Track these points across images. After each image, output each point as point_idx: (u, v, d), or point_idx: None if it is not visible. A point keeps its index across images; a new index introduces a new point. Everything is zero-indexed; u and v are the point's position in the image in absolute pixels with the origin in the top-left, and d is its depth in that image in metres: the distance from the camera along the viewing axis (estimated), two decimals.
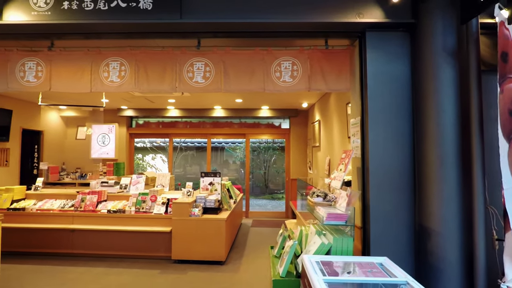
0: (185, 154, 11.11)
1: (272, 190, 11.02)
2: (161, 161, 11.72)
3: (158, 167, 11.46)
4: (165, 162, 11.56)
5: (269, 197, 10.84)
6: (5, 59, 2.80)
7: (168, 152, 7.87)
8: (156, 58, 2.76)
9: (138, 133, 7.84)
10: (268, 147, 10.98)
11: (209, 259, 4.34)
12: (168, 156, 7.87)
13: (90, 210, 4.84)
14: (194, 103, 6.71)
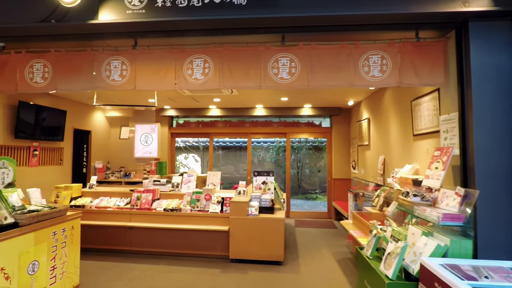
0: (217, 154, 11.17)
1: (306, 190, 10.89)
2: (193, 161, 11.85)
3: (191, 166, 11.59)
4: (198, 162, 11.69)
5: (303, 197, 10.72)
6: (91, 58, 2.85)
7: (209, 151, 7.90)
8: (240, 54, 2.73)
9: (179, 133, 7.92)
10: (301, 146, 10.87)
11: (267, 259, 4.29)
12: (209, 155, 7.90)
13: (146, 208, 4.91)
14: (237, 102, 6.70)
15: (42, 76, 2.90)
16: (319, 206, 9.68)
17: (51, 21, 2.43)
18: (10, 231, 2.45)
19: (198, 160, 11.63)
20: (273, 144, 10.94)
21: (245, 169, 11.11)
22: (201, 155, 11.50)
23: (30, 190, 2.98)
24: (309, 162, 10.97)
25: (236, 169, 10.97)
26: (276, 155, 10.89)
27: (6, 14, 2.60)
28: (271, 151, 10.98)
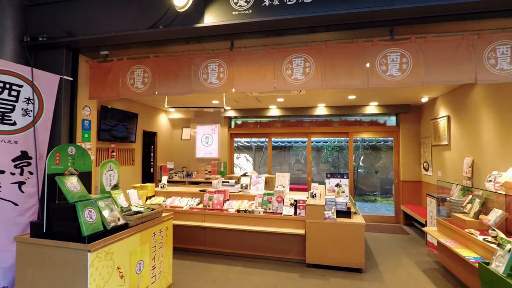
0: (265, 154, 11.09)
1: (363, 192, 10.42)
2: (245, 160, 11.93)
3: (242, 166, 11.67)
4: (249, 161, 11.75)
5: (359, 199, 10.26)
6: (189, 62, 2.89)
7: (268, 151, 7.84)
8: (344, 51, 2.58)
9: (238, 133, 7.96)
10: (357, 146, 10.41)
11: (346, 265, 4.09)
12: (268, 155, 7.84)
13: (218, 209, 4.95)
14: (299, 101, 6.54)
15: (142, 82, 3.00)
16: (381, 209, 9.18)
17: (159, 27, 2.47)
18: (123, 232, 2.55)
19: (249, 159, 11.67)
20: (326, 143, 10.60)
21: (298, 169, 10.94)
22: (253, 155, 11.52)
23: (129, 192, 3.09)
24: (365, 162, 10.47)
25: (289, 169, 10.82)
26: (330, 155, 10.55)
27: (115, 23, 2.70)
28: (325, 150, 10.65)
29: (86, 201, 2.37)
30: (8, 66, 2.62)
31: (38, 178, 2.75)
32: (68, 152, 2.53)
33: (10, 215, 2.62)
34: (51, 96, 2.83)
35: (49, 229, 2.33)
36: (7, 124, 2.62)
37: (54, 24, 2.88)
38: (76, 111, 3.04)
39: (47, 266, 2.29)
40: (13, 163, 2.64)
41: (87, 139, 3.19)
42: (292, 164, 10.88)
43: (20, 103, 2.67)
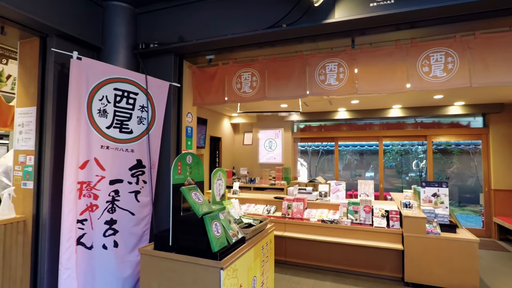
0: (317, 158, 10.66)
1: None
2: (298, 165, 11.62)
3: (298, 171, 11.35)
4: (303, 166, 11.41)
5: None
6: (303, 63, 2.69)
7: (334, 156, 7.46)
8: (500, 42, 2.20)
9: (301, 137, 7.68)
10: (424, 149, 9.61)
11: (456, 287, 3.61)
12: (334, 160, 7.46)
13: (298, 217, 4.70)
14: (374, 103, 6.11)
15: (250, 86, 2.86)
16: (460, 220, 8.32)
17: (282, 26, 2.28)
18: (242, 247, 2.38)
19: (304, 164, 11.33)
20: (388, 147, 9.92)
21: (357, 174, 10.37)
22: (308, 159, 11.16)
23: (233, 201, 2.94)
24: (434, 168, 9.61)
25: (350, 175, 10.29)
26: (393, 159, 9.85)
27: (229, 26, 2.57)
28: (388, 155, 9.98)
29: (212, 213, 2.23)
30: (127, 74, 2.60)
31: (151, 187, 2.69)
32: (187, 161, 2.43)
33: (128, 225, 2.58)
34: (161, 103, 2.77)
35: (174, 242, 2.22)
36: (125, 133, 2.59)
37: (164, 31, 2.84)
38: (182, 118, 2.96)
39: (174, 281, 2.18)
40: (130, 172, 2.60)
41: (190, 147, 3.11)
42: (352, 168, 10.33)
43: (136, 111, 2.64)
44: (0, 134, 4.25)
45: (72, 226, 2.31)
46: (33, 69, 2.54)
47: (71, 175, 2.30)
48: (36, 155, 2.47)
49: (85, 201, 2.41)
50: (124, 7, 2.88)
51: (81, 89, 2.38)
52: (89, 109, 2.42)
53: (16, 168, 2.56)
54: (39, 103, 2.49)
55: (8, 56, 3.21)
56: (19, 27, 2.37)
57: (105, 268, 2.46)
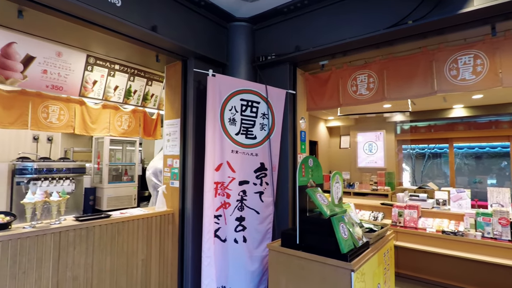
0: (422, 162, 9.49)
1: None
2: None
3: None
4: (406, 171, 10.44)
5: None
6: (428, 59, 2.53)
7: (449, 160, 6.61)
8: None
9: (406, 139, 7.06)
10: None
11: None
12: (450, 164, 6.61)
13: (411, 226, 4.32)
14: (501, 97, 5.18)
15: (367, 88, 2.82)
16: None
17: (407, 23, 2.18)
18: (368, 251, 2.34)
19: (406, 169, 10.34)
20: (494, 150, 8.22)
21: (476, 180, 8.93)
22: (412, 163, 10.15)
23: (351, 205, 2.90)
24: None
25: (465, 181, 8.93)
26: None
27: (345, 30, 2.59)
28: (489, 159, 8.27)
29: (338, 215, 2.28)
30: (250, 86, 2.88)
31: (273, 188, 2.90)
32: (308, 164, 2.54)
33: (254, 222, 2.84)
34: (280, 110, 2.97)
35: (301, 241, 2.34)
36: (250, 138, 2.87)
37: (280, 42, 3.04)
38: (297, 123, 3.11)
39: (302, 279, 2.29)
40: (254, 174, 2.87)
41: (304, 150, 3.23)
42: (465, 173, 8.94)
43: (258, 118, 2.90)
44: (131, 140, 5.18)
45: (211, 220, 2.67)
46: (177, 87, 3.06)
47: (209, 176, 2.67)
48: (180, 159, 2.95)
49: (219, 199, 2.75)
50: (244, 25, 3.21)
51: (216, 101, 2.75)
52: (222, 118, 2.77)
53: (165, 170, 3.11)
54: (182, 115, 2.98)
55: (152, 79, 3.94)
56: (168, 54, 2.89)
57: (237, 260, 2.75)
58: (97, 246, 2.41)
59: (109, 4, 2.17)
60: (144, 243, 2.74)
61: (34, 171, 3.80)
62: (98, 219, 2.46)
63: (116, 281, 2.52)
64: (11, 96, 2.99)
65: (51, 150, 4.80)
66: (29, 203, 2.15)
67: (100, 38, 2.73)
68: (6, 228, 2.07)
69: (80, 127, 3.48)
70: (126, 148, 4.96)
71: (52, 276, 2.16)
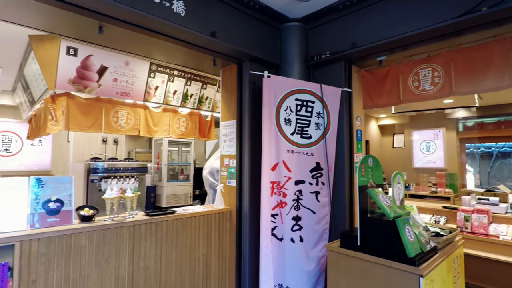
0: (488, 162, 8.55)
1: None
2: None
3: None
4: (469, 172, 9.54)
5: None
6: (505, 48, 2.32)
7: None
8: None
9: (471, 137, 6.46)
10: None
11: None
12: None
13: (481, 233, 3.95)
14: None
15: (431, 82, 2.66)
16: None
17: (481, 10, 2.01)
18: (437, 256, 2.20)
19: (469, 170, 9.45)
20: None
21: None
22: (477, 164, 9.25)
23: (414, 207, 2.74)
24: None
25: None
26: None
27: (405, 24, 2.46)
28: None
29: (403, 217, 2.17)
30: (304, 85, 2.88)
31: (329, 188, 2.86)
32: (368, 164, 2.46)
33: (310, 222, 2.83)
34: (335, 109, 2.93)
35: (362, 242, 2.28)
36: (305, 138, 2.87)
37: (334, 40, 3.00)
38: (353, 122, 3.03)
39: (364, 282, 2.23)
40: (310, 174, 2.86)
41: (360, 150, 3.14)
42: None
43: (313, 117, 2.88)
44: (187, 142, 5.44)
45: (268, 218, 2.72)
46: (232, 90, 3.17)
47: (266, 176, 2.73)
48: (237, 159, 3.05)
49: (276, 198, 2.79)
50: (297, 25, 3.21)
51: (271, 102, 2.80)
52: (277, 118, 2.81)
53: (222, 169, 3.23)
54: (238, 116, 3.08)
55: (207, 82, 4.12)
56: (225, 57, 3.01)
57: (293, 259, 2.77)
58: (164, 239, 2.60)
59: (175, 14, 2.33)
60: (204, 238, 2.88)
61: (105, 170, 4.21)
62: (165, 215, 2.65)
63: (181, 272, 2.69)
64: (88, 103, 3.35)
65: (117, 151, 5.27)
66: (108, 198, 2.40)
67: (162, 46, 2.94)
68: (91, 220, 2.33)
69: (144, 130, 3.77)
70: (181, 149, 5.25)
71: (128, 265, 2.38)
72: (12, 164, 6.03)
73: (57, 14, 2.24)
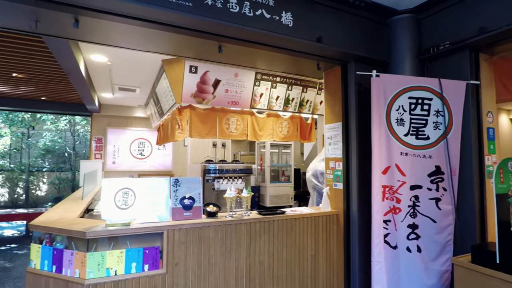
0: None
1: None
2: None
3: None
4: None
5: None
6: None
7: None
8: None
9: None
10: None
11: None
12: None
13: None
14: None
15: None
16: None
17: None
18: None
19: None
20: None
21: None
22: None
23: None
24: None
25: None
26: None
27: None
28: None
29: None
30: (418, 82, 2.65)
31: (453, 195, 2.55)
32: (508, 168, 2.09)
33: (430, 231, 2.59)
34: (458, 105, 2.60)
35: (503, 261, 1.95)
36: (421, 139, 2.63)
37: (456, 27, 2.67)
38: (482, 119, 2.63)
39: None
40: (428, 179, 2.61)
41: (493, 151, 2.70)
42: None
43: (431, 116, 2.63)
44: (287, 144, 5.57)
45: (380, 224, 2.60)
46: (336, 92, 3.15)
47: (376, 180, 2.61)
48: (344, 162, 3.01)
49: (388, 203, 2.64)
50: (407, 17, 2.97)
51: (380, 102, 2.67)
52: (388, 119, 2.66)
53: (327, 172, 3.25)
54: (344, 118, 3.04)
55: (307, 86, 4.20)
56: (329, 60, 3.03)
57: (410, 270, 2.57)
58: (276, 237, 2.78)
59: (283, 26, 2.47)
60: (312, 239, 2.95)
61: (216, 171, 4.73)
62: (276, 215, 2.83)
63: (291, 270, 2.82)
64: (205, 113, 3.84)
65: (224, 154, 5.85)
66: (228, 197, 2.71)
67: (266, 56, 3.13)
68: (215, 216, 2.67)
69: (251, 134, 4.10)
70: (281, 151, 5.46)
71: (246, 258, 2.63)
72: (145, 165, 7.36)
73: (183, 40, 2.65)
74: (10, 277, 4.35)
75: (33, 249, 2.42)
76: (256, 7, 2.36)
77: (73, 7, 2.03)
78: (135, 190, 2.42)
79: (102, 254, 2.20)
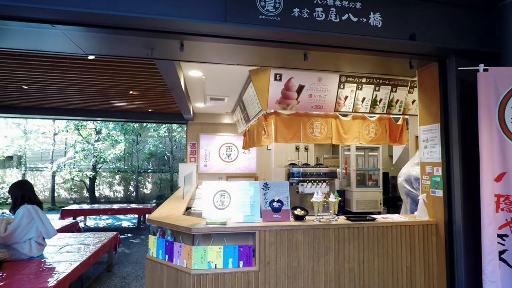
0: None
1: None
2: None
3: None
4: None
5: None
6: None
7: None
8: None
9: None
10: None
11: None
12: None
13: None
14: None
15: None
16: None
17: None
18: None
19: None
20: None
21: None
22: None
23: None
24: None
25: None
26: None
27: None
28: None
29: None
30: None
31: None
32: None
33: None
34: None
35: None
36: None
37: None
38: None
39: None
40: None
41: None
42: None
43: None
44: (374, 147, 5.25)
45: (493, 239, 2.28)
46: (433, 90, 2.88)
47: (487, 188, 2.30)
48: (443, 166, 2.73)
49: (503, 215, 2.30)
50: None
51: (490, 100, 2.34)
52: (501, 119, 2.32)
53: (423, 178, 2.99)
54: (442, 119, 2.76)
55: (396, 85, 3.93)
56: (423, 57, 2.80)
57: None
58: (366, 245, 2.69)
59: (371, 28, 2.40)
60: (407, 250, 2.75)
61: (300, 175, 4.80)
62: (365, 221, 2.74)
63: (383, 280, 2.69)
64: (289, 118, 3.96)
65: (307, 157, 5.88)
66: (316, 202, 2.76)
67: (350, 58, 3.07)
68: (302, 219, 2.75)
69: (336, 138, 4.04)
70: (368, 154, 5.21)
71: (335, 263, 2.63)
72: (232, 168, 7.92)
73: (270, 51, 2.81)
74: (130, 261, 5.24)
75: (150, 239, 2.90)
76: (342, 12, 2.36)
77: (179, 34, 2.38)
78: (230, 192, 2.68)
79: (204, 248, 2.50)
